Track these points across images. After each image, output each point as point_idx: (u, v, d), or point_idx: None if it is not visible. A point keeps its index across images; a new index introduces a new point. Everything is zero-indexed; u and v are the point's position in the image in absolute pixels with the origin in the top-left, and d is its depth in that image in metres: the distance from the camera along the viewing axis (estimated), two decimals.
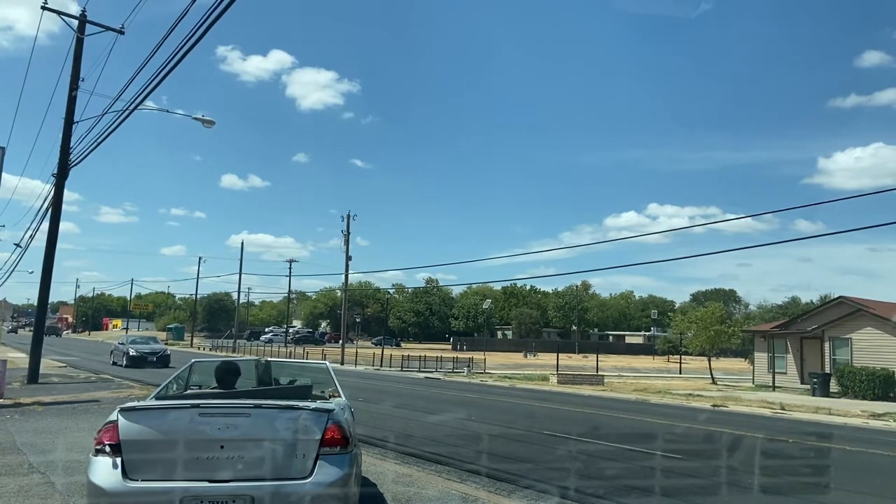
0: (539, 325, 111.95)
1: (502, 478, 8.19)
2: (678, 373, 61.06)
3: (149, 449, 4.59)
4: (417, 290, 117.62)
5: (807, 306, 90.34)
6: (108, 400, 15.61)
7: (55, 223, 20.79)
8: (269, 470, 4.62)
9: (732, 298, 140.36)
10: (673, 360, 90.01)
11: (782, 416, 18.87)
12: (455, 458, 9.51)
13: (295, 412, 4.84)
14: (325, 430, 4.78)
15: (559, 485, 7.82)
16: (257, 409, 4.79)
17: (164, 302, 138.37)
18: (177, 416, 4.74)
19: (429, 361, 46.50)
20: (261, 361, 7.28)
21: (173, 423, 4.71)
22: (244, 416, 4.72)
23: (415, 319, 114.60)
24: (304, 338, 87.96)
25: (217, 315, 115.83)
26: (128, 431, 4.60)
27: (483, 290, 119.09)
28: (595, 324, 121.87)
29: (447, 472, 8.65)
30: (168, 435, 4.64)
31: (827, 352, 29.45)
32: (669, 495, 7.58)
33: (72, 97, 21.08)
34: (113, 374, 25.69)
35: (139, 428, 4.64)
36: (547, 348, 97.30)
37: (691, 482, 8.44)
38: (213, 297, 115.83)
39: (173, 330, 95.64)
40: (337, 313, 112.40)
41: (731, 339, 40.22)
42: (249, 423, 4.70)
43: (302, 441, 4.73)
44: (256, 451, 4.65)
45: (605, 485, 8.00)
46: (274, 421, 4.78)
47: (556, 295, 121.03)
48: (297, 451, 4.71)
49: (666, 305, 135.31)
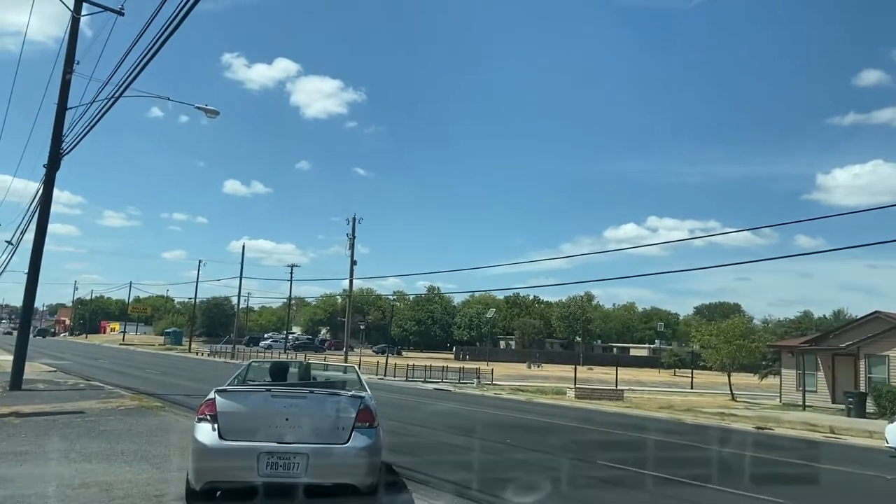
0: (542, 336, 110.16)
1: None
2: (689, 387, 59.32)
3: (236, 418, 6.30)
4: (419, 298, 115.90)
5: (820, 321, 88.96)
6: (93, 411, 13.97)
7: (44, 218, 19.17)
8: (318, 436, 6.36)
9: (736, 312, 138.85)
10: (679, 373, 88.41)
11: (836, 440, 17.21)
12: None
13: (338, 397, 6.76)
14: (358, 411, 6.57)
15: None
16: (312, 394, 6.71)
17: (162, 306, 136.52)
18: (256, 396, 6.67)
19: (434, 371, 44.81)
20: (303, 363, 9.62)
21: (253, 401, 6.55)
22: (303, 399, 6.56)
23: (416, 328, 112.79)
24: (304, 344, 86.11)
25: (216, 320, 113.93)
26: (222, 405, 6.34)
27: (485, 299, 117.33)
28: (598, 335, 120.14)
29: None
30: (250, 409, 6.42)
31: (862, 370, 27.77)
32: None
33: (66, 81, 19.49)
34: (105, 380, 24.04)
35: (230, 403, 6.38)
36: (550, 359, 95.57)
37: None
38: (212, 301, 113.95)
39: (171, 334, 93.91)
40: (337, 320, 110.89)
41: (754, 354, 38.59)
42: (306, 404, 6.51)
43: (342, 418, 6.50)
44: (310, 423, 6.39)
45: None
46: (323, 403, 6.63)
47: (559, 305, 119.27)
48: (338, 424, 6.47)
49: (669, 318, 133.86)
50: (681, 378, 79.82)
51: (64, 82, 19.57)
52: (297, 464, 6.17)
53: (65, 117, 19.43)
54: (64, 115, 19.45)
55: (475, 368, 47.21)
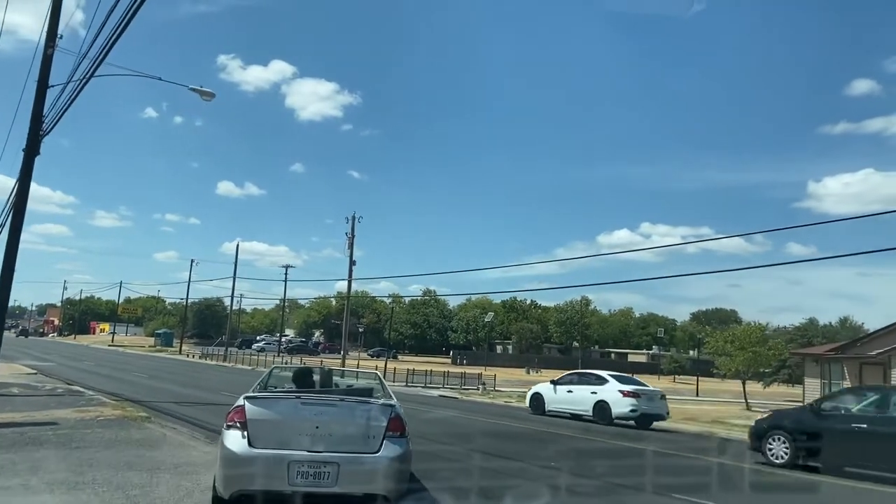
0: (540, 341, 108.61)
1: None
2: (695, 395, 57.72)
3: (266, 426, 6.24)
4: (415, 302, 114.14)
5: (825, 328, 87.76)
6: (68, 422, 12.20)
7: (21, 204, 17.38)
8: (349, 445, 6.25)
9: (733, 319, 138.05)
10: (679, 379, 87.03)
11: None
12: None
13: (369, 405, 6.63)
14: (389, 420, 6.46)
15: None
16: (342, 401, 6.65)
17: (153, 307, 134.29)
18: (285, 403, 6.50)
19: (434, 376, 43.19)
20: (324, 368, 9.17)
21: (283, 408, 6.44)
22: (333, 406, 6.50)
23: (412, 331, 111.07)
24: (298, 347, 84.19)
25: (208, 321, 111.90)
26: (252, 412, 6.27)
27: (482, 302, 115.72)
28: (596, 340, 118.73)
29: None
30: (279, 416, 6.35)
31: (894, 379, 26.25)
32: None
33: (47, 56, 17.67)
34: (87, 384, 22.24)
35: (259, 410, 6.33)
36: (549, 364, 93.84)
37: None
38: (204, 302, 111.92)
39: (161, 335, 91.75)
40: (331, 323, 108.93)
41: (770, 361, 37.12)
42: (336, 412, 6.45)
43: (373, 426, 6.38)
44: (341, 432, 6.31)
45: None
46: (354, 411, 6.51)
47: (556, 310, 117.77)
48: (369, 433, 6.34)
49: (667, 324, 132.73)
50: (681, 385, 78.32)
51: (45, 57, 17.79)
52: (328, 473, 6.05)
53: (46, 95, 17.67)
54: (45, 93, 17.66)
55: (477, 374, 45.63)
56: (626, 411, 19.84)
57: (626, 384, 20.91)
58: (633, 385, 21.12)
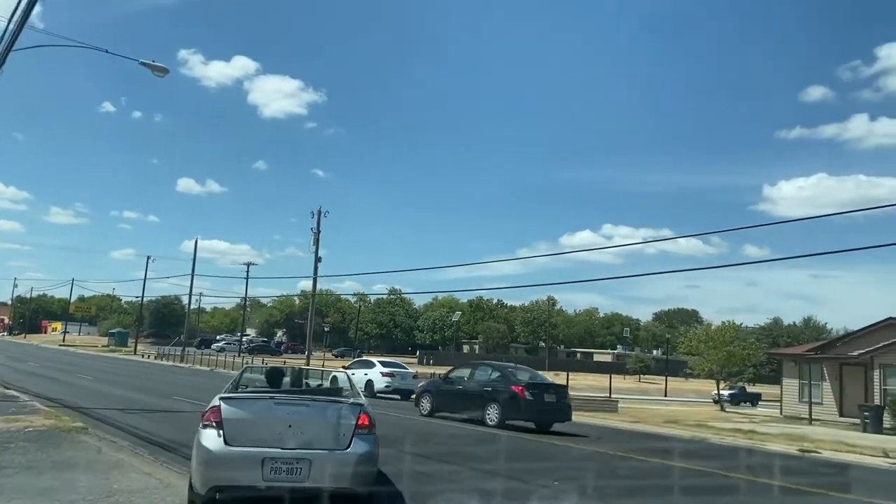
0: (507, 340, 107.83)
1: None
2: (664, 395, 57.33)
3: (241, 425, 6.40)
4: (381, 301, 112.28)
5: (790, 328, 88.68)
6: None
7: None
8: (321, 442, 6.51)
9: (695, 319, 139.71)
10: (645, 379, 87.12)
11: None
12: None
13: (339, 404, 6.89)
14: (358, 417, 6.73)
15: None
16: (314, 401, 6.89)
17: (108, 305, 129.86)
18: (259, 403, 6.70)
19: None
20: (295, 368, 10.23)
21: (257, 408, 6.63)
22: (305, 406, 6.73)
23: (378, 331, 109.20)
24: (260, 347, 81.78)
25: (166, 320, 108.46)
26: (227, 412, 6.43)
27: (449, 302, 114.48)
28: (562, 340, 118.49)
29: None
30: (254, 416, 6.54)
31: (876, 381, 25.67)
32: None
33: None
34: (25, 387, 20.22)
35: (234, 410, 6.48)
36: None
37: None
38: (161, 301, 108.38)
39: (116, 335, 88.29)
40: (294, 322, 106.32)
41: (745, 361, 36.50)
42: (308, 411, 6.66)
43: (343, 424, 6.64)
44: (313, 430, 6.53)
45: None
46: (325, 410, 6.76)
47: (523, 309, 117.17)
48: (339, 430, 6.61)
49: (631, 324, 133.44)
50: (647, 384, 78.38)
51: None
52: (301, 469, 6.30)
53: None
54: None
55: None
56: (383, 387, 26.93)
57: (387, 367, 27.84)
58: (392, 368, 28.00)
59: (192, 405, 17.56)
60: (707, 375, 37.55)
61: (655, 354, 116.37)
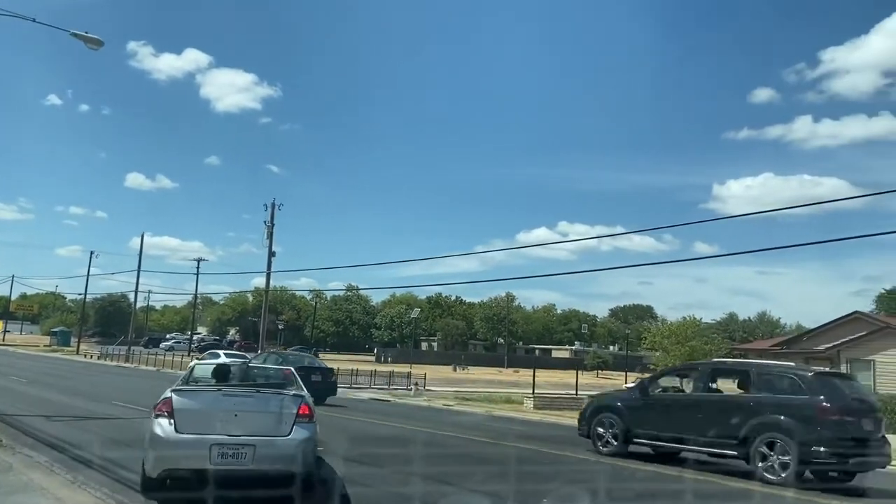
0: (465, 337, 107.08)
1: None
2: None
3: (191, 414, 7.04)
4: (337, 298, 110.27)
5: (745, 323, 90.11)
6: None
7: None
8: (264, 429, 7.13)
9: (649, 314, 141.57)
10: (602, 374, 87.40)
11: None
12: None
13: (282, 395, 7.59)
14: (299, 407, 7.39)
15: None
16: (258, 392, 7.64)
17: (52, 303, 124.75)
18: (208, 395, 7.51)
19: (360, 376, 40.45)
20: (242, 365, 11.10)
21: (205, 399, 7.39)
22: (250, 397, 7.47)
23: (334, 329, 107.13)
24: (211, 346, 78.63)
25: (112, 319, 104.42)
26: (178, 403, 7.08)
27: (407, 298, 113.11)
28: (520, 337, 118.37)
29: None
30: (202, 406, 7.22)
31: None
32: None
33: None
34: None
35: (184, 401, 7.16)
36: (475, 361, 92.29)
37: None
38: (108, 298, 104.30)
39: (58, 334, 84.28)
40: (248, 320, 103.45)
41: (707, 356, 36.19)
42: (253, 401, 7.39)
43: (285, 413, 7.30)
44: (257, 418, 7.20)
45: None
46: (269, 400, 7.48)
47: (482, 306, 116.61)
48: (282, 419, 7.24)
49: (588, 320, 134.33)
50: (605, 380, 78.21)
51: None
52: (245, 453, 6.87)
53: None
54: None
55: (405, 373, 43.12)
56: None
57: (230, 358, 27.96)
58: (234, 359, 28.33)
59: (130, 411, 15.98)
60: None
61: (613, 350, 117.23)
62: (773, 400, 10.99)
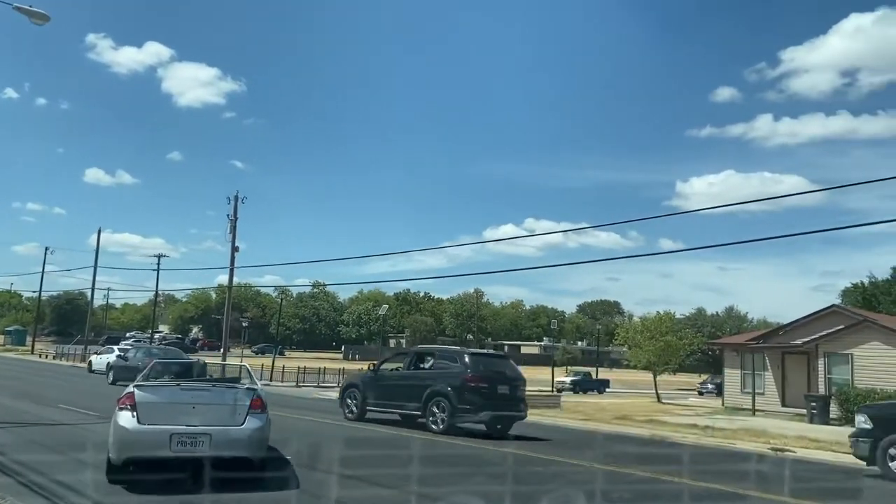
0: (434, 334, 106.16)
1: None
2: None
3: (152, 407, 7.65)
4: (304, 295, 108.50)
5: (713, 317, 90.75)
6: None
7: None
8: (220, 420, 7.81)
9: (617, 310, 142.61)
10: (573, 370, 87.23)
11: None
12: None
13: (236, 389, 8.36)
14: (252, 399, 8.05)
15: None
16: (215, 386, 8.43)
17: (7, 301, 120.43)
18: (168, 389, 8.16)
19: (328, 375, 39.25)
20: (199, 362, 11.70)
21: (166, 393, 8.01)
22: (207, 391, 8.15)
23: (300, 326, 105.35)
24: (173, 344, 76.47)
25: (69, 317, 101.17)
26: (140, 397, 7.69)
27: (375, 295, 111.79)
28: (489, 333, 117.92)
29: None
30: (163, 399, 7.84)
31: (821, 370, 25.06)
32: None
33: None
34: None
35: (146, 395, 7.78)
36: None
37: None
38: (65, 296, 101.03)
39: (13, 333, 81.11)
40: (211, 318, 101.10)
41: (681, 351, 35.89)
42: (209, 394, 8.07)
43: (239, 405, 7.96)
44: (213, 410, 7.86)
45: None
46: (224, 393, 8.19)
47: (451, 302, 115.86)
48: (236, 410, 7.91)
49: (556, 316, 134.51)
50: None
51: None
52: (203, 441, 7.52)
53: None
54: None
55: None
56: None
57: (122, 352, 30.50)
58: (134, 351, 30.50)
59: (79, 416, 14.72)
60: (644, 367, 36.76)
61: (581, 346, 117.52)
62: (442, 374, 14.83)
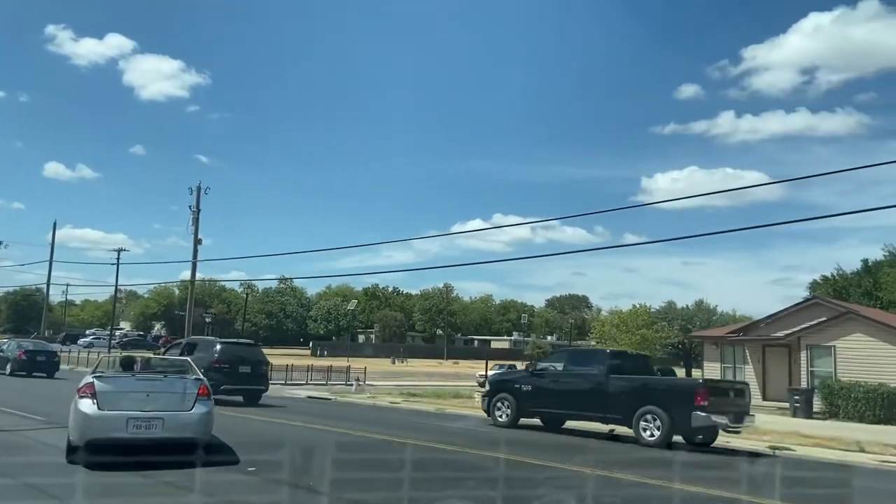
0: (404, 329, 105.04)
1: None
2: None
3: (110, 395, 8.62)
4: (270, 290, 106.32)
5: (683, 311, 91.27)
6: None
7: None
8: (171, 406, 8.82)
9: (585, 304, 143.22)
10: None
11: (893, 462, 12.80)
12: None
13: (185, 379, 9.42)
14: (199, 388, 9.11)
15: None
16: (166, 376, 9.56)
17: None
18: (124, 379, 9.23)
19: (296, 372, 37.69)
20: (145, 357, 13.80)
21: (122, 382, 9.06)
22: (159, 381, 9.24)
23: (266, 321, 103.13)
24: (134, 342, 74.26)
25: (26, 314, 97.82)
26: (99, 386, 8.65)
27: (343, 290, 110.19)
28: (459, 328, 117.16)
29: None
30: (120, 388, 8.82)
31: (804, 363, 24.56)
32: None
33: None
34: None
35: (104, 385, 8.73)
36: (414, 353, 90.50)
37: None
38: (21, 292, 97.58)
39: None
40: (174, 314, 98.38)
41: (657, 344, 35.44)
42: (162, 383, 9.13)
43: (188, 393, 8.99)
44: (165, 397, 8.87)
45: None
46: (174, 382, 9.26)
47: (420, 297, 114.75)
48: (185, 397, 8.94)
49: (526, 310, 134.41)
50: None
51: None
52: (156, 424, 8.55)
53: None
54: None
55: (344, 367, 40.67)
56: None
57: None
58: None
59: (18, 420, 13.29)
60: None
61: (551, 340, 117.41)
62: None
